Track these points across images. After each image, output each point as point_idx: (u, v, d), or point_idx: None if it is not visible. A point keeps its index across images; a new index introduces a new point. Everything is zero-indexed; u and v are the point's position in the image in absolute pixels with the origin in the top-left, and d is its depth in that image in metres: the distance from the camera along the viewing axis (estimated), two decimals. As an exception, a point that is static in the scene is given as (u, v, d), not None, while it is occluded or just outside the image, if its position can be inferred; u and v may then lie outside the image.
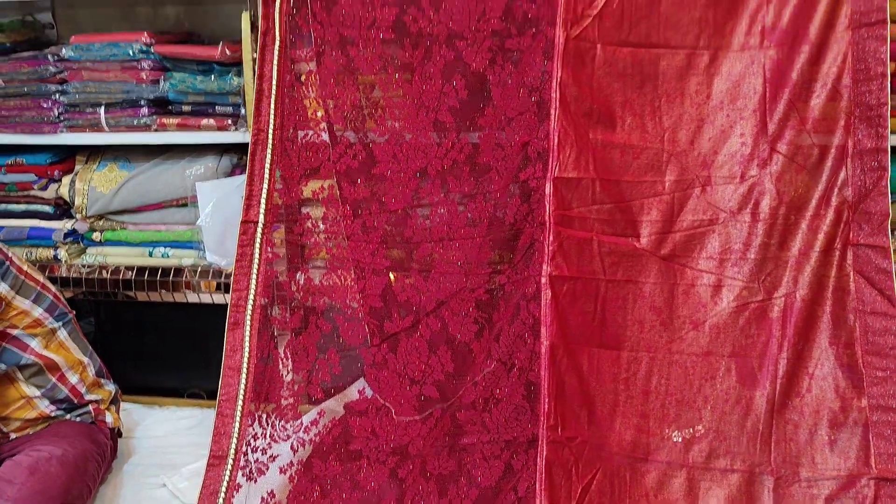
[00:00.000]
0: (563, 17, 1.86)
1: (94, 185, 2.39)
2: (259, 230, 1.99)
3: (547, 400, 1.90)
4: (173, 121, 2.32)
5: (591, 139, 1.88)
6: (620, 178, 1.88)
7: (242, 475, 1.93)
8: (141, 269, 2.40)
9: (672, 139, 1.85)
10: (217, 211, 2.26)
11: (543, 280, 1.91)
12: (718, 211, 1.84)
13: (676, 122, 1.85)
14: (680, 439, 1.85)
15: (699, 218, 1.85)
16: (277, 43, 1.98)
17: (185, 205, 2.37)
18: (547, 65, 1.90)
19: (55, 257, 2.45)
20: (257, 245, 1.99)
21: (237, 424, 1.94)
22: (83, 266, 2.44)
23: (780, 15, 1.78)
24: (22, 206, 2.48)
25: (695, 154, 1.85)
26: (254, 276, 1.99)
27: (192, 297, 2.38)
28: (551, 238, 1.91)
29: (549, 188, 1.90)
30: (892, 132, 1.76)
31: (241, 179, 2.16)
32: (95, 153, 2.49)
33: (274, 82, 1.99)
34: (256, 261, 1.99)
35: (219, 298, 2.36)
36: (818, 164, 1.78)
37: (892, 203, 1.74)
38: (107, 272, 2.41)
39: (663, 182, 1.87)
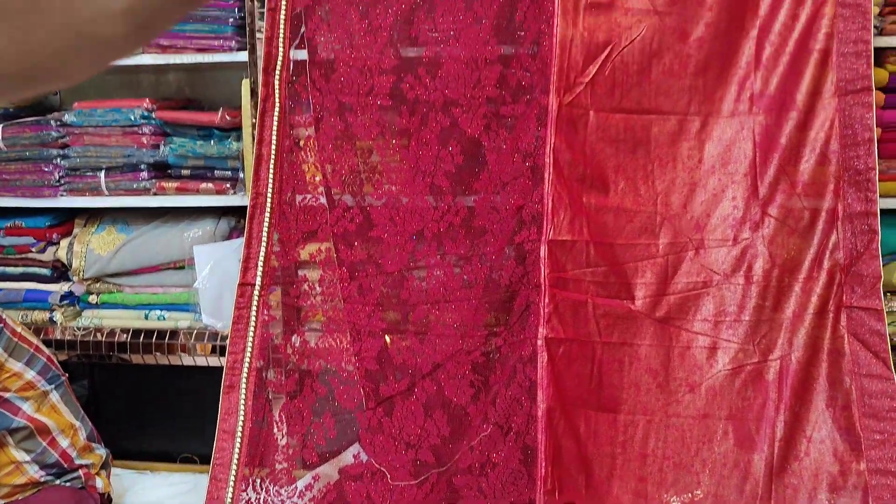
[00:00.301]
0: (556, 84, 1.90)
1: (93, 248, 2.40)
2: (256, 292, 2.00)
3: (544, 464, 1.88)
4: (172, 184, 2.34)
5: (585, 203, 1.90)
6: (614, 240, 1.90)
7: (235, 542, 1.89)
8: (136, 332, 2.39)
9: (665, 203, 1.88)
10: (214, 273, 2.27)
11: (539, 342, 1.91)
12: (712, 273, 1.85)
13: (669, 186, 1.88)
14: (679, 504, 1.83)
15: (693, 280, 1.86)
16: (277, 109, 2.02)
17: (182, 267, 2.37)
18: (541, 131, 1.93)
19: (51, 320, 2.44)
20: (254, 307, 1.99)
21: (231, 490, 1.91)
22: (78, 328, 2.43)
23: (767, 82, 1.82)
24: (19, 269, 2.48)
25: (688, 217, 1.87)
26: (250, 339, 1.99)
27: (188, 360, 2.37)
28: (547, 300, 1.91)
29: (543, 251, 1.92)
30: (880, 196, 1.78)
31: (239, 242, 2.17)
32: (94, 216, 2.51)
33: (273, 147, 2.01)
34: (253, 323, 1.99)
35: (214, 361, 2.35)
36: (809, 227, 1.80)
37: (883, 265, 1.76)
38: (102, 335, 2.40)
39: (657, 245, 1.88)
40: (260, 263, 2.01)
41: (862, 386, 1.74)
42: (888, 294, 1.99)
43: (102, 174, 2.35)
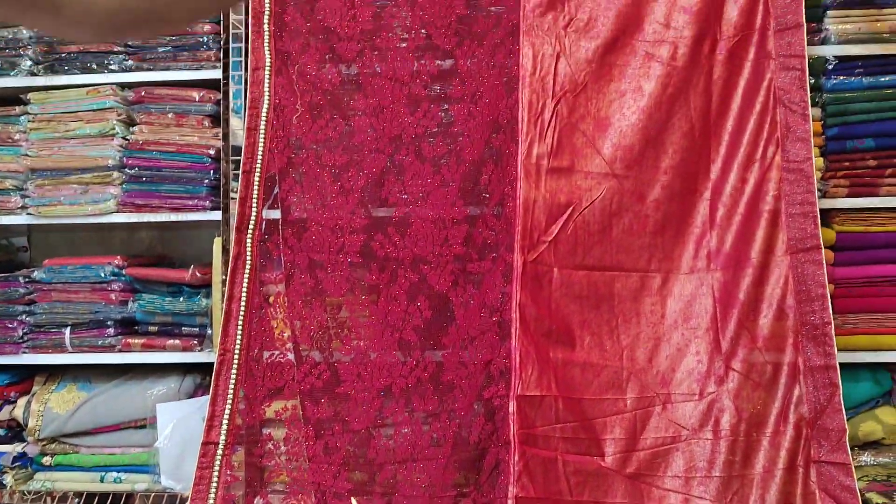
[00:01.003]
0: (520, 243, 1.95)
1: (51, 406, 2.32)
2: (219, 452, 1.94)
3: None
4: (138, 341, 2.31)
5: (552, 358, 1.91)
6: (582, 396, 1.89)
7: None
8: (90, 496, 2.27)
9: (630, 357, 1.90)
10: (176, 433, 2.20)
11: (510, 502, 1.86)
12: (680, 428, 1.84)
13: (634, 341, 1.90)
14: None
15: (662, 435, 1.85)
16: (248, 267, 2.04)
17: (143, 426, 2.30)
18: (507, 287, 1.97)
19: (0, 483, 2.32)
20: (216, 468, 1.93)
21: None
22: (28, 492, 2.31)
23: (723, 240, 1.90)
24: (-28, 429, 2.39)
25: (653, 372, 1.88)
26: (211, 501, 1.90)
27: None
28: (517, 458, 1.88)
29: (513, 406, 1.90)
30: (839, 350, 1.82)
31: (203, 401, 2.13)
32: (56, 373, 2.45)
33: (243, 304, 2.02)
34: (214, 484, 1.92)
35: (172, 526, 2.23)
36: (772, 381, 1.82)
37: (848, 419, 1.77)
38: (53, 500, 2.28)
39: (624, 400, 1.88)
40: (225, 422, 1.96)
41: (837, 544, 1.71)
42: (855, 448, 1.98)
43: (67, 331, 2.32)
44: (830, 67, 2.11)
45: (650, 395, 1.87)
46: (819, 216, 1.84)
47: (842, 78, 2.11)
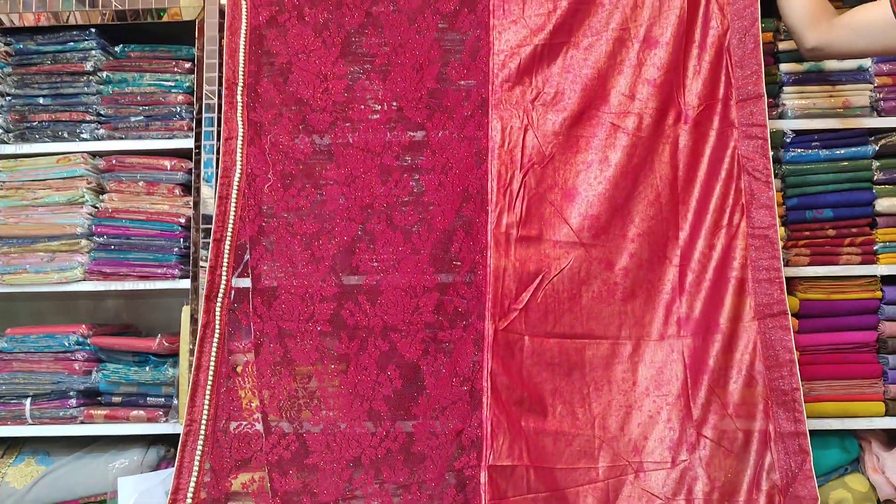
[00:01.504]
0: (490, 311, 1.95)
1: (8, 481, 2.24)
2: (183, 528, 1.87)
3: None
4: (101, 412, 2.25)
5: (524, 427, 1.89)
6: (554, 465, 1.87)
7: None
8: (46, 575, 2.17)
9: (602, 426, 1.88)
10: (138, 507, 2.13)
11: (482, 576, 1.81)
12: (653, 497, 1.82)
13: (606, 409, 1.89)
14: None
15: (635, 505, 1.82)
16: (217, 336, 2.01)
17: (104, 501, 2.22)
18: (478, 355, 1.96)
19: (-48, 563, 2.21)
20: (180, 543, 1.85)
21: None
22: (-19, 573, 2.20)
23: (692, 306, 1.91)
24: (-76, 506, 2.28)
25: (625, 440, 1.87)
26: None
27: None
28: (489, 529, 1.84)
29: (484, 477, 1.87)
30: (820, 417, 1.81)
31: (167, 473, 2.07)
32: (14, 446, 2.36)
33: (211, 373, 1.98)
34: (178, 561, 1.84)
35: None
36: (744, 448, 1.82)
37: (819, 487, 1.76)
38: (7, 579, 2.18)
39: (597, 469, 1.86)
40: (189, 495, 1.90)
41: None
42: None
43: (28, 402, 2.25)
44: (788, 140, 2.17)
45: (622, 463, 1.86)
46: (784, 282, 1.86)
47: (799, 150, 2.17)
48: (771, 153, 1.92)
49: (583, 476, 1.86)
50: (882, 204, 2.15)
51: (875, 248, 2.15)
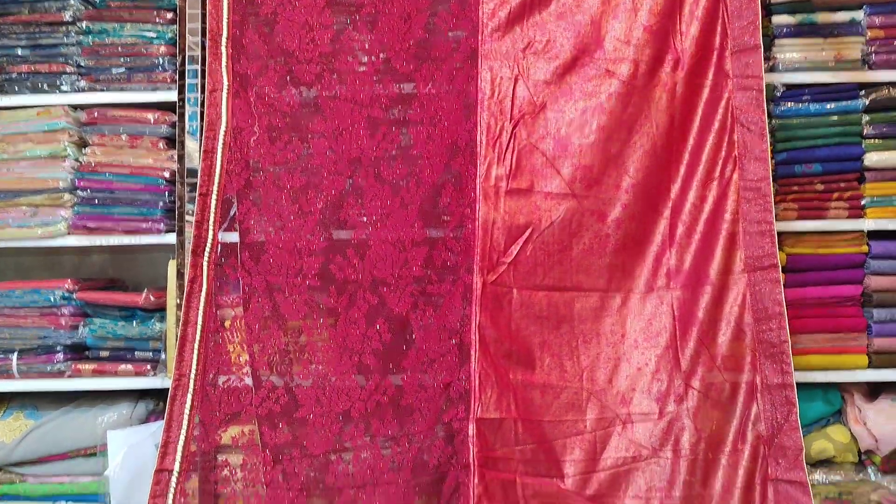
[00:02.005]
0: (479, 264, 1.94)
1: (-3, 435, 2.23)
2: (174, 479, 1.87)
3: None
4: (89, 367, 2.23)
5: (512, 380, 1.89)
6: (542, 417, 1.87)
7: None
8: (37, 527, 2.18)
9: (591, 378, 1.88)
10: (128, 461, 2.12)
11: (470, 526, 1.83)
12: (641, 448, 1.83)
13: (594, 362, 1.89)
14: None
15: (622, 456, 1.83)
16: (204, 290, 1.98)
17: (93, 454, 2.21)
18: (466, 309, 1.95)
19: (-58, 516, 2.21)
20: (170, 496, 1.86)
21: None
22: (-28, 525, 2.20)
23: (682, 258, 1.91)
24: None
25: (613, 392, 1.87)
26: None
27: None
28: (476, 481, 1.85)
29: (472, 429, 1.88)
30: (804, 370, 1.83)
31: (156, 427, 2.06)
32: (2, 401, 2.35)
33: (199, 328, 1.96)
34: (168, 513, 1.85)
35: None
36: (731, 399, 1.82)
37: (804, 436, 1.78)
38: (-2, 532, 2.18)
39: (584, 421, 1.87)
40: (179, 448, 1.89)
41: (796, 562, 1.70)
42: (807, 466, 1.99)
43: (15, 356, 2.23)
44: (779, 94, 2.15)
45: (610, 415, 1.86)
46: (776, 235, 1.85)
47: (790, 104, 2.14)
48: (764, 106, 1.90)
49: (570, 428, 1.86)
50: (871, 158, 2.14)
51: (863, 202, 2.14)
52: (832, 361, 2.09)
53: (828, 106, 2.14)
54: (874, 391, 2.17)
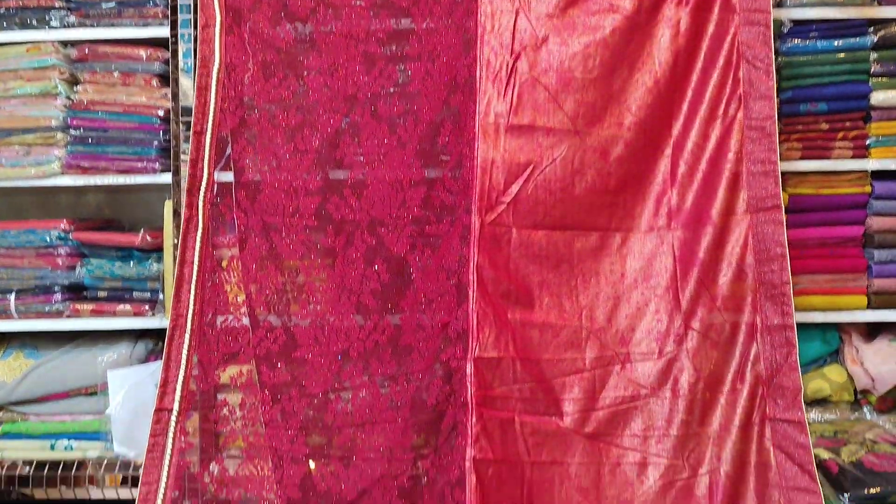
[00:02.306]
0: (477, 204, 1.91)
1: (-3, 375, 2.23)
2: (173, 418, 1.87)
3: None
4: (87, 307, 2.22)
5: (510, 319, 1.87)
6: (540, 356, 1.87)
7: None
8: (40, 464, 2.19)
9: (590, 317, 1.87)
10: (128, 399, 2.13)
11: (468, 464, 1.84)
12: (639, 387, 1.83)
13: (593, 301, 1.88)
14: None
15: (621, 395, 1.83)
16: (200, 230, 1.95)
17: (94, 393, 2.22)
18: (464, 249, 1.93)
19: (-53, 454, 2.22)
20: (170, 434, 1.86)
21: None
22: (-24, 462, 2.21)
23: (683, 198, 1.87)
24: (-86, 400, 2.27)
25: (613, 331, 1.86)
26: (165, 468, 1.84)
27: (95, 493, 2.17)
28: (474, 419, 1.85)
29: (470, 368, 1.87)
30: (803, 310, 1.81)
31: (156, 366, 2.06)
32: (1, 341, 2.34)
33: (195, 268, 1.94)
34: (169, 451, 1.85)
35: (125, 493, 2.16)
36: (730, 340, 1.81)
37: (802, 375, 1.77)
38: (2, 468, 2.19)
39: (583, 359, 1.86)
40: (178, 387, 1.89)
41: (790, 499, 1.71)
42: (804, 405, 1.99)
43: (12, 297, 2.21)
44: (786, 31, 2.08)
45: (609, 354, 1.85)
46: (780, 176, 1.81)
47: (797, 41, 2.08)
48: (771, 42, 1.84)
49: (569, 367, 1.86)
50: (877, 97, 2.09)
51: (867, 142, 2.10)
52: (831, 302, 2.08)
53: (835, 43, 2.09)
54: (872, 332, 2.17)
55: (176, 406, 1.88)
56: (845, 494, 1.82)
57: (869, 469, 1.85)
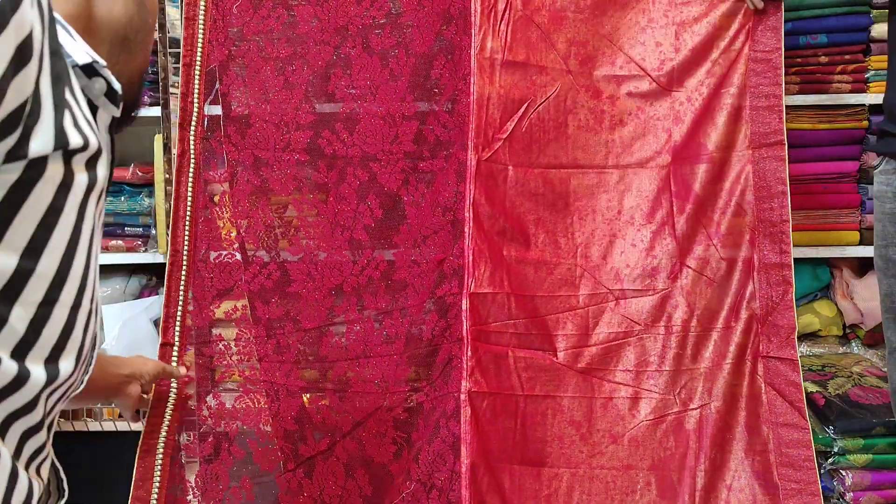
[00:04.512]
0: (473, 141, 1.83)
1: (-7, 310, 2.17)
2: (175, 352, 1.83)
3: (468, 522, 1.75)
4: (80, 242, 2.15)
5: (506, 256, 1.82)
6: (535, 293, 1.82)
7: None
8: (39, 397, 2.15)
9: (585, 255, 1.81)
10: (124, 334, 2.09)
11: (462, 397, 1.80)
12: (633, 324, 1.78)
13: (589, 238, 1.81)
14: (604, 558, 1.72)
15: (614, 331, 1.79)
16: (192, 164, 1.87)
17: (89, 328, 2.17)
18: (460, 186, 1.85)
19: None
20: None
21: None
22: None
23: (682, 134, 1.78)
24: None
25: (607, 268, 1.80)
26: (171, 400, 1.80)
27: (93, 426, 2.15)
28: (469, 353, 1.81)
29: (465, 304, 1.82)
30: (794, 246, 1.75)
31: (150, 301, 2.00)
32: (-5, 276, 2.28)
33: (189, 203, 1.87)
34: (175, 384, 1.81)
35: (122, 426, 2.14)
36: (726, 277, 1.76)
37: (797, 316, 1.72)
38: None
39: (577, 296, 1.81)
40: (178, 322, 1.84)
41: (779, 435, 1.68)
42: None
43: (4, 232, 2.14)
44: (788, -40, 1.97)
45: (603, 291, 1.80)
46: (784, 111, 1.73)
47: (799, -29, 1.98)
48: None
49: (563, 303, 1.81)
50: (878, 29, 2.00)
51: (867, 76, 2.01)
52: (824, 237, 2.03)
53: (838, -28, 1.98)
54: (864, 267, 2.12)
55: (177, 341, 1.83)
56: (831, 427, 1.80)
57: (855, 402, 1.83)
